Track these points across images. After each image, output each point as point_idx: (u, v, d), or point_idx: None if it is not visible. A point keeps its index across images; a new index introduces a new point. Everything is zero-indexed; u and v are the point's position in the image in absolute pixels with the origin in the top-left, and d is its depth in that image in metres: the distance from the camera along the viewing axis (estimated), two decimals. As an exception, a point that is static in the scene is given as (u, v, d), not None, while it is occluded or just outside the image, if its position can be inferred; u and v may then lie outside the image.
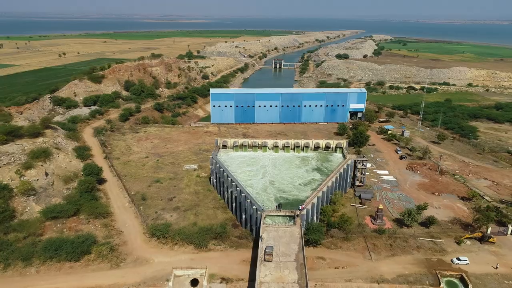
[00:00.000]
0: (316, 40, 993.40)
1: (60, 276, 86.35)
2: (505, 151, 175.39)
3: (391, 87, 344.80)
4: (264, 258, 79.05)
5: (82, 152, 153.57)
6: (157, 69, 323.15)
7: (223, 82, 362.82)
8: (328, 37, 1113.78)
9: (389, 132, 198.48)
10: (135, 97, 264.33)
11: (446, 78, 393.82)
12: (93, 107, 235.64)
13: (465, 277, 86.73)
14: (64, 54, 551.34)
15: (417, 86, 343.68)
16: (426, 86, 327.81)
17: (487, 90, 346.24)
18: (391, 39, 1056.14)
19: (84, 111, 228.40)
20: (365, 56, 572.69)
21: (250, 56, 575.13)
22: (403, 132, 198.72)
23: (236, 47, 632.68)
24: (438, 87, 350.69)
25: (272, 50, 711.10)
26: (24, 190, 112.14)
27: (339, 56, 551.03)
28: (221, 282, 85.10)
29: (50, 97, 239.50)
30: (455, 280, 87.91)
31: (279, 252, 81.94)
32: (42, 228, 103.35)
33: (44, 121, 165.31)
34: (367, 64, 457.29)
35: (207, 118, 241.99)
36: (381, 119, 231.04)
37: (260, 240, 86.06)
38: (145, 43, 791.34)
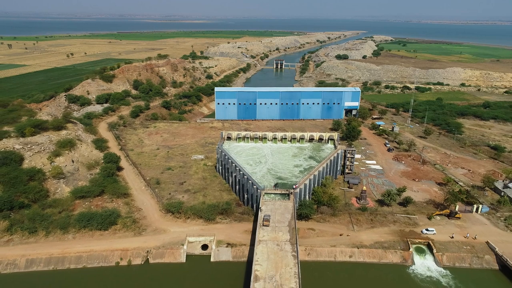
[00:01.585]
0: (317, 40, 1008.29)
1: (93, 241, 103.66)
2: (485, 145, 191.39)
3: (386, 87, 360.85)
4: (263, 224, 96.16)
5: (100, 144, 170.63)
6: (163, 69, 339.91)
7: (226, 81, 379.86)
8: (329, 37, 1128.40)
9: (380, 127, 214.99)
10: (143, 96, 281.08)
11: (441, 78, 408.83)
12: (105, 105, 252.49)
13: (431, 244, 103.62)
14: (72, 54, 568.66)
15: (412, 86, 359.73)
16: (415, 85, 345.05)
17: (479, 89, 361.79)
18: (391, 40, 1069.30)
19: (97, 108, 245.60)
20: (364, 57, 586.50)
21: (252, 57, 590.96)
22: (393, 127, 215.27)
23: (238, 47, 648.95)
24: (431, 86, 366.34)
25: (274, 50, 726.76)
26: (55, 173, 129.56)
27: (338, 57, 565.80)
28: (227, 246, 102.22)
29: (65, 95, 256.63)
30: (423, 246, 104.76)
31: (275, 219, 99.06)
32: (73, 205, 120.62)
33: (66, 116, 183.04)
34: (365, 65, 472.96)
35: (211, 115, 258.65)
36: (374, 116, 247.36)
37: (259, 211, 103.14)
38: (149, 44, 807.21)
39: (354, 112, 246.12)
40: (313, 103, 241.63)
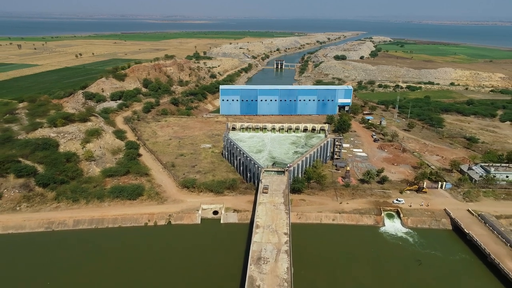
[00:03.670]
0: (317, 41, 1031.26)
1: (125, 208, 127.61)
2: (462, 137, 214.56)
3: (380, 86, 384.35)
4: (262, 191, 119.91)
5: (120, 134, 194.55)
6: (170, 69, 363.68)
7: (229, 80, 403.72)
8: (329, 38, 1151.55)
9: (369, 121, 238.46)
10: (153, 93, 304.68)
11: (432, 78, 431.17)
12: (119, 101, 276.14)
13: (400, 210, 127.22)
14: (81, 54, 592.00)
15: (404, 85, 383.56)
16: (406, 84, 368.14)
17: (467, 88, 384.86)
18: (390, 41, 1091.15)
19: (112, 104, 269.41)
20: (362, 57, 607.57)
21: (253, 57, 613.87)
22: (381, 122, 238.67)
23: (240, 48, 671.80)
24: (422, 85, 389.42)
25: (275, 51, 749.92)
26: (87, 156, 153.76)
27: (337, 57, 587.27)
28: (233, 212, 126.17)
29: (83, 92, 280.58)
30: (392, 212, 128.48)
31: (272, 189, 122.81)
32: (104, 182, 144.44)
33: (89, 110, 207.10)
34: (361, 65, 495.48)
35: (216, 111, 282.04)
36: (365, 112, 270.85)
37: (260, 183, 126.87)
38: (153, 44, 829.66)
39: (346, 108, 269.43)
40: (309, 100, 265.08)
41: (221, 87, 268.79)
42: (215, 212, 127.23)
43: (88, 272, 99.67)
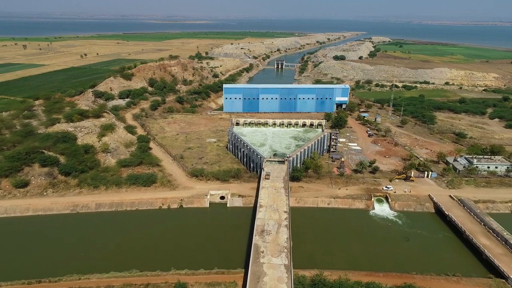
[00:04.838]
0: (317, 42, 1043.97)
1: (140, 193, 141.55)
2: (451, 132, 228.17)
3: (376, 85, 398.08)
4: (265, 178, 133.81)
5: (131, 130, 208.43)
6: (175, 69, 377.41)
7: (231, 80, 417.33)
8: (328, 38, 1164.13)
9: (364, 118, 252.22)
10: (159, 92, 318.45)
11: (428, 77, 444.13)
12: (127, 99, 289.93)
13: (388, 196, 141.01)
14: (85, 55, 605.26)
15: (400, 84, 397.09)
16: (402, 84, 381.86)
17: (461, 88, 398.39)
18: (389, 41, 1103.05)
19: (120, 102, 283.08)
20: (360, 58, 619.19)
21: (254, 57, 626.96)
22: (376, 118, 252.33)
23: (241, 48, 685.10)
24: (418, 85, 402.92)
25: (275, 51, 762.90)
26: (104, 148, 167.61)
27: (336, 58, 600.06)
28: (238, 197, 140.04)
29: (92, 91, 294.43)
30: (382, 198, 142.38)
31: (274, 175, 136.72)
32: (120, 172, 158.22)
33: (102, 107, 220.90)
34: (359, 65, 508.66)
35: (219, 109, 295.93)
36: (361, 110, 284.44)
37: (262, 171, 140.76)
38: (155, 45, 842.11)
39: (343, 106, 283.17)
40: (308, 98, 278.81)
41: (224, 86, 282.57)
42: (222, 197, 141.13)
43: (111, 247, 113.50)
